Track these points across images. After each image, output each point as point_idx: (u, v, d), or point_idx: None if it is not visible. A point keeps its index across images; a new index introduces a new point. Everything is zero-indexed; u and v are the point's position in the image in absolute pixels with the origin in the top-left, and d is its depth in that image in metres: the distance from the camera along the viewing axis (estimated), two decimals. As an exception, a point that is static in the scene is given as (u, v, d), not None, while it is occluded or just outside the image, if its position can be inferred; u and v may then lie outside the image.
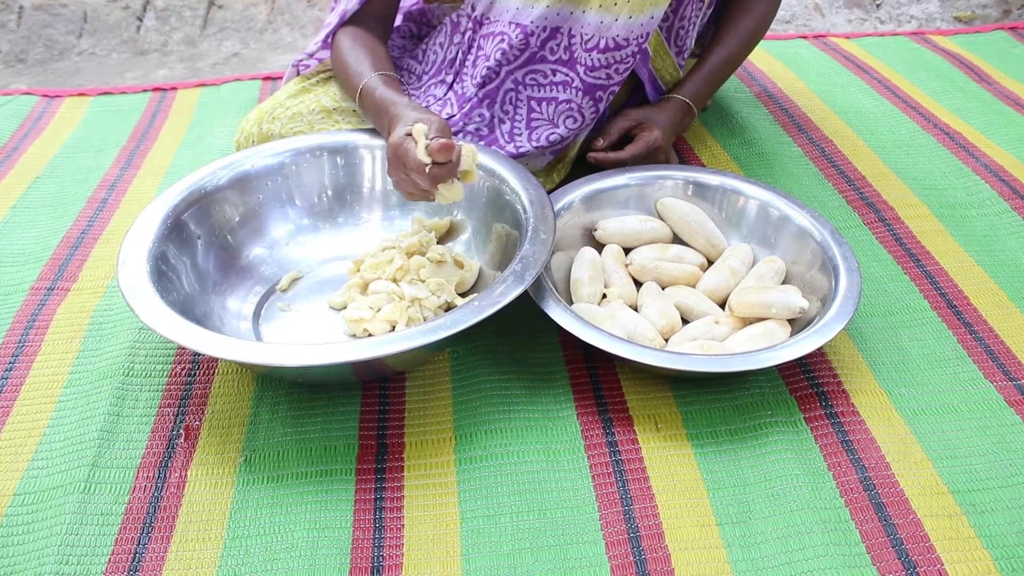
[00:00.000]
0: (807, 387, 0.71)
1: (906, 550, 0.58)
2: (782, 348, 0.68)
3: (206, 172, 0.80)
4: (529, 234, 0.73)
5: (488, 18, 0.87)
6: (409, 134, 0.71)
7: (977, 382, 0.72)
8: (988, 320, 0.78)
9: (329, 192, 0.85)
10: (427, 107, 0.86)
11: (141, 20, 1.71)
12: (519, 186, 0.78)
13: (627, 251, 0.84)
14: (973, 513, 0.61)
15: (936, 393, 0.71)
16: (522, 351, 0.76)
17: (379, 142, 0.84)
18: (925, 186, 0.97)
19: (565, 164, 0.94)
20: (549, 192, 0.84)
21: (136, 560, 0.60)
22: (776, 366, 0.67)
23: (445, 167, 0.69)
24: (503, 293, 0.67)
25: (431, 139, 0.69)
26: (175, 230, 0.75)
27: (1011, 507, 0.61)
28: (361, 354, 0.62)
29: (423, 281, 0.76)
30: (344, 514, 0.63)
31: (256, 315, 0.78)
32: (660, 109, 0.93)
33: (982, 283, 0.82)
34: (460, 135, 0.87)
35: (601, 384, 0.73)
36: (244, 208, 0.81)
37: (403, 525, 0.62)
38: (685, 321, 0.78)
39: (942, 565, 0.57)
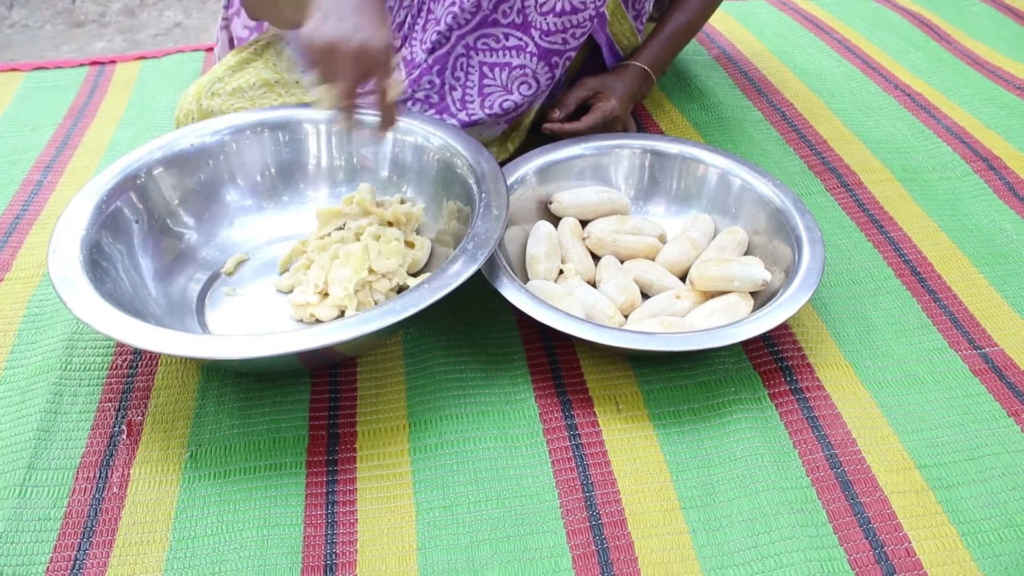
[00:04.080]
0: (771, 362, 0.70)
1: (873, 529, 0.57)
2: (745, 324, 0.66)
3: (142, 153, 0.76)
4: (481, 210, 0.70)
5: (438, -20, 0.83)
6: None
7: (942, 352, 0.71)
8: (952, 287, 0.77)
9: (272, 170, 0.81)
10: None
11: (78, -11, 1.64)
12: (471, 159, 0.75)
13: (584, 224, 0.81)
14: (940, 488, 0.60)
15: (901, 364, 0.70)
16: (477, 331, 0.74)
17: (323, 116, 0.81)
18: (887, 149, 0.96)
19: (520, 132, 0.91)
20: (503, 163, 0.81)
21: (77, 567, 0.57)
22: (740, 342, 0.65)
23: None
24: (455, 274, 0.64)
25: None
26: (110, 215, 0.71)
27: (977, 480, 0.60)
28: (309, 343, 0.59)
29: (374, 272, 0.73)
30: (295, 510, 0.60)
31: (200, 301, 0.75)
32: (617, 77, 0.90)
33: (946, 249, 0.81)
34: (409, 103, 0.84)
35: (559, 364, 0.70)
36: (183, 190, 0.77)
37: (356, 520, 0.59)
38: (645, 296, 0.76)
39: (910, 543, 0.56)
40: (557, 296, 0.71)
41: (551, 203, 0.82)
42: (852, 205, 0.87)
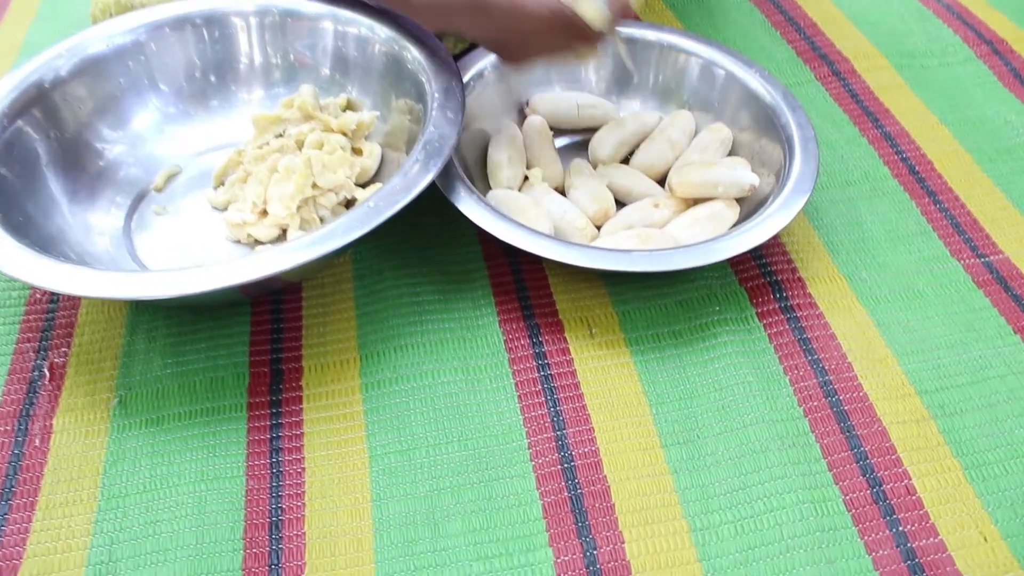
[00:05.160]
0: (759, 276, 0.64)
1: (871, 465, 0.52)
2: (732, 237, 0.59)
3: (45, 59, 0.66)
4: (434, 112, 0.62)
5: None
6: None
7: (943, 260, 0.65)
8: (954, 188, 0.70)
9: (199, 72, 0.72)
10: None
11: None
12: (422, 53, 0.67)
13: (557, 131, 0.74)
14: (942, 416, 0.55)
15: (899, 276, 0.64)
16: (434, 248, 0.67)
17: (252, 7, 0.71)
18: (882, 32, 0.87)
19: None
20: (459, 56, 0.73)
21: (-7, 533, 0.51)
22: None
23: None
24: (406, 188, 0.56)
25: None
26: (11, 136, 0.62)
27: (981, 406, 0.56)
28: (243, 275, 0.52)
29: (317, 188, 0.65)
30: (236, 460, 0.54)
31: (128, 223, 0.67)
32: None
33: (946, 144, 0.74)
34: None
35: (526, 283, 0.64)
36: (96, 100, 0.67)
37: (304, 469, 0.54)
38: (620, 204, 0.69)
39: (909, 480, 0.52)
40: (521, 207, 0.64)
41: (525, 106, 0.74)
42: (845, 96, 0.80)
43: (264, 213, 0.65)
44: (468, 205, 0.60)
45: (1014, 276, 0.63)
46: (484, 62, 0.72)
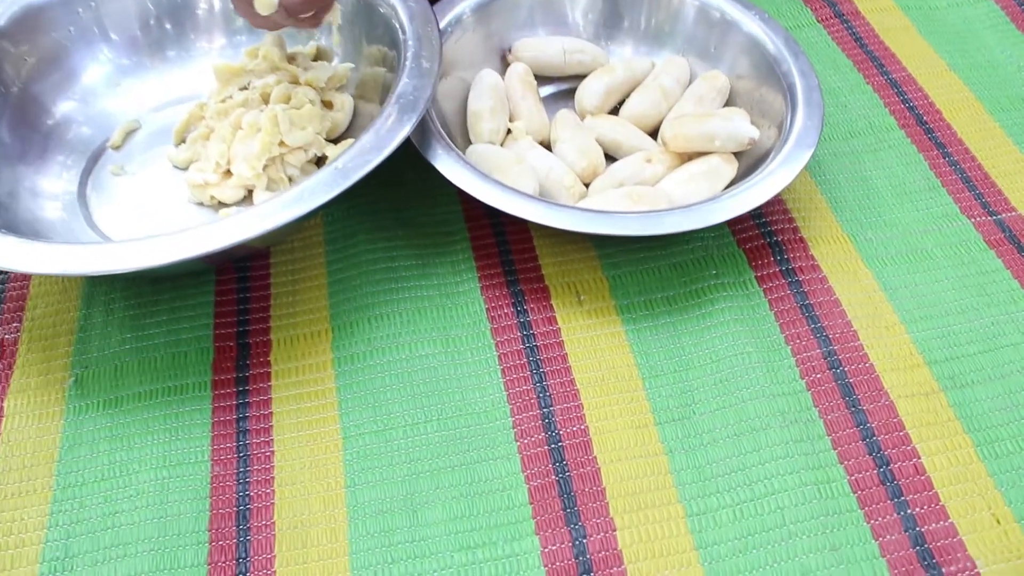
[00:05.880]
0: (758, 236, 0.60)
1: (878, 442, 0.49)
2: (730, 196, 0.55)
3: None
4: (408, 62, 0.57)
5: None
6: None
7: (953, 218, 0.61)
8: (964, 139, 0.66)
9: (154, 19, 0.66)
10: None
11: None
12: (395, -4, 0.62)
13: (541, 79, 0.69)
14: (952, 388, 0.52)
15: (907, 235, 0.60)
16: (411, 208, 0.62)
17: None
18: (887, -31, 0.82)
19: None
20: (434, 0, 0.67)
21: (-60, 526, 0.47)
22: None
23: None
24: (377, 146, 0.52)
25: None
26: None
27: (993, 377, 0.52)
28: (207, 245, 0.48)
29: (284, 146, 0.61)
30: (200, 444, 0.51)
31: (82, 186, 0.62)
32: None
33: (956, 92, 0.70)
34: None
35: (510, 246, 0.60)
36: (40, 53, 0.62)
37: (273, 452, 0.50)
38: (609, 159, 0.64)
39: (918, 458, 0.49)
40: (504, 164, 0.59)
41: (508, 52, 0.69)
42: (848, 40, 0.75)
43: (228, 173, 0.61)
44: (446, 163, 0.56)
45: (1027, 235, 0.60)
46: (463, 5, 0.67)
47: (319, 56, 0.68)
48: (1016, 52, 0.73)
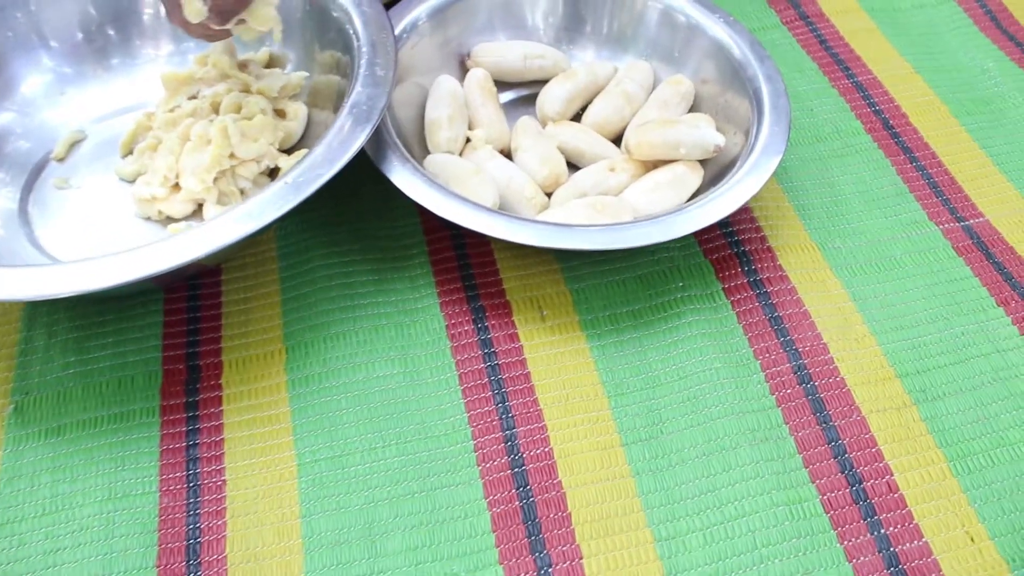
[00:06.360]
0: (725, 247, 0.58)
1: (850, 460, 0.48)
2: (696, 207, 0.53)
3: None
4: (362, 70, 0.55)
5: None
6: None
7: (921, 225, 0.60)
8: (930, 143, 0.65)
9: (95, 25, 0.63)
10: None
11: None
12: (348, 1, 0.59)
13: (500, 84, 0.67)
14: (923, 401, 0.51)
15: (875, 243, 0.59)
16: (367, 221, 0.60)
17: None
18: (851, -30, 0.81)
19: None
20: (389, 4, 0.65)
21: None
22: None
23: None
24: (329, 160, 0.50)
25: None
26: None
27: (964, 388, 0.51)
28: (153, 266, 0.45)
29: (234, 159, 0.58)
30: (148, 474, 0.48)
31: (24, 202, 0.59)
32: None
33: (922, 95, 0.69)
34: None
35: (470, 260, 0.58)
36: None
37: (224, 481, 0.48)
38: (572, 167, 0.63)
39: (891, 475, 0.47)
40: (463, 175, 0.57)
41: (467, 58, 0.67)
42: (813, 43, 0.74)
43: (177, 187, 0.58)
44: (402, 176, 0.54)
45: (995, 241, 0.59)
46: (420, 10, 0.65)
47: (271, 63, 0.65)
48: (979, 54, 0.72)
